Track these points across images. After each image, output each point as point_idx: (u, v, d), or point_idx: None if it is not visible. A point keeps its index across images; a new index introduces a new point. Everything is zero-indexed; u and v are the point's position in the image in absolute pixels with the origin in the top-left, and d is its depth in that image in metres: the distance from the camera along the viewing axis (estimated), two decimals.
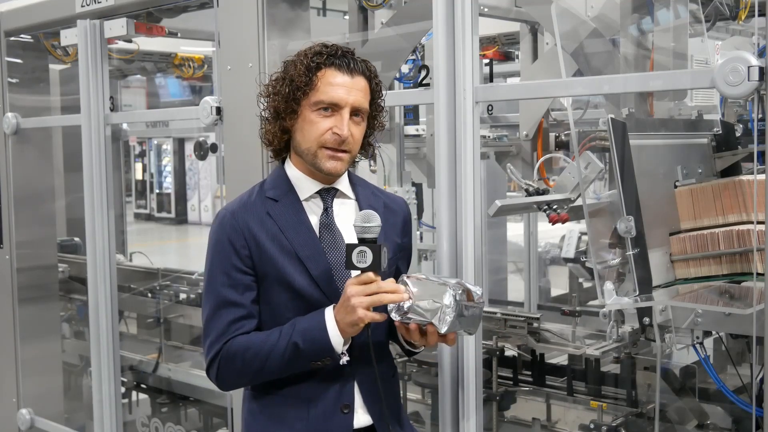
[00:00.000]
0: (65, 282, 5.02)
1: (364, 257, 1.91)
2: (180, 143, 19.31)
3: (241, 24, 2.98)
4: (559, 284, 6.23)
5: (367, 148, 2.19)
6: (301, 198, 2.12)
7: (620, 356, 3.00)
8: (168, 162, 19.78)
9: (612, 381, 3.10)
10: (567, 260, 5.40)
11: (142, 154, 20.13)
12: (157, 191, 19.95)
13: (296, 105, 2.05)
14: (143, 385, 4.59)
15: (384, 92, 2.18)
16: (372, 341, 2.02)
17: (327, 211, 2.11)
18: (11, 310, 4.27)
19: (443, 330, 1.92)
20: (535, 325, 3.15)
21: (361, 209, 2.14)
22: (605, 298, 2.44)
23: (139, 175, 20.12)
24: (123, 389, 4.21)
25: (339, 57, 2.05)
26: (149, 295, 5.03)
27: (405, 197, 4.26)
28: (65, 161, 5.14)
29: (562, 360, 3.31)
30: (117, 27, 3.57)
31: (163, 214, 19.77)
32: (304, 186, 2.12)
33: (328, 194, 2.13)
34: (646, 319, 2.47)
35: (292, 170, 2.14)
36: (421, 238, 5.19)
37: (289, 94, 2.05)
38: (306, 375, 2.06)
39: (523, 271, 5.91)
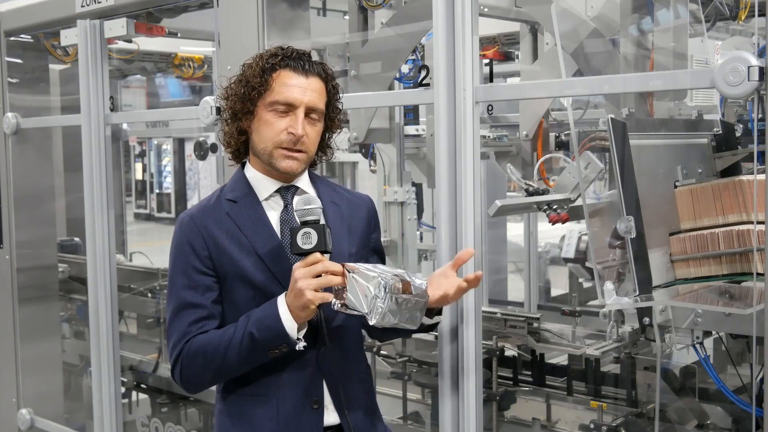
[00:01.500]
0: (65, 282, 5.02)
1: (308, 238, 1.93)
2: (180, 143, 19.29)
3: (241, 24, 2.98)
4: (559, 284, 6.24)
5: (326, 151, 2.21)
6: (261, 198, 2.14)
7: (620, 356, 3.00)
8: (168, 162, 19.78)
9: (612, 381, 3.10)
10: (567, 260, 5.40)
11: (142, 154, 20.11)
12: (157, 191, 19.94)
13: (252, 106, 2.08)
14: (143, 385, 4.59)
15: (341, 94, 2.20)
16: (342, 334, 2.07)
17: (287, 208, 2.13)
18: (11, 310, 4.27)
19: (372, 321, 1.92)
20: (535, 325, 3.15)
21: (323, 206, 2.13)
22: (605, 298, 2.44)
23: (139, 175, 20.11)
24: (123, 389, 4.21)
25: (294, 59, 2.08)
26: (149, 295, 5.03)
27: (405, 197, 4.26)
28: (65, 161, 5.14)
29: (562, 360, 3.31)
30: (117, 27, 3.57)
31: (163, 214, 19.75)
32: (263, 186, 2.14)
33: (287, 192, 2.15)
34: (646, 319, 2.47)
35: (251, 172, 2.17)
36: (421, 238, 5.19)
37: (244, 95, 2.08)
38: (273, 372, 2.07)
39: (523, 271, 5.92)
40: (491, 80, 4.75)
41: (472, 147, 2.40)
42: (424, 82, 3.39)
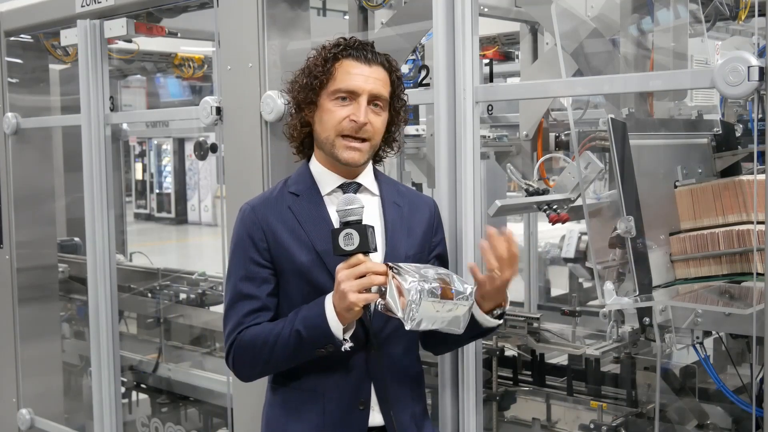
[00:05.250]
0: (65, 282, 5.01)
1: (350, 239, 1.90)
2: (180, 143, 19.30)
3: (241, 24, 2.98)
4: (559, 284, 6.22)
5: (392, 144, 2.20)
6: (323, 192, 2.14)
7: (620, 356, 2.99)
8: (168, 162, 19.78)
9: (612, 381, 3.09)
10: (567, 260, 5.39)
11: (142, 154, 20.12)
12: (157, 191, 19.94)
13: (314, 95, 2.09)
14: (143, 385, 4.59)
15: (405, 86, 2.19)
16: (393, 338, 2.07)
17: None
18: (11, 310, 4.27)
19: (407, 326, 1.89)
20: (535, 325, 3.14)
21: (384, 206, 2.16)
22: (605, 298, 2.44)
23: (139, 175, 20.12)
24: (123, 389, 4.21)
25: (356, 48, 2.09)
26: (149, 295, 5.03)
27: None
28: (65, 161, 5.14)
29: (562, 360, 3.30)
30: (117, 27, 3.57)
31: (163, 214, 19.77)
32: (326, 180, 2.14)
33: (349, 188, 2.14)
34: (646, 319, 2.47)
35: (315, 166, 2.17)
36: None
37: (307, 85, 2.09)
38: (322, 370, 2.08)
39: (523, 271, 5.90)
40: (491, 80, 4.75)
41: (472, 147, 2.40)
42: (424, 82, 3.38)
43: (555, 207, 3.02)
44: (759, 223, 2.40)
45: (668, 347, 2.54)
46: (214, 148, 4.78)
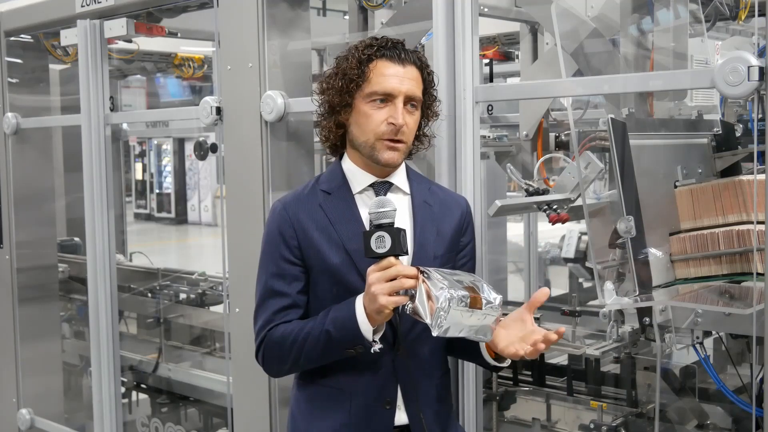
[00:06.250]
0: (65, 282, 5.02)
1: (382, 242, 1.90)
2: (180, 143, 19.31)
3: (241, 24, 2.98)
4: (559, 284, 6.23)
5: (423, 140, 2.20)
6: (354, 191, 2.14)
7: (620, 356, 2.99)
8: (168, 162, 19.78)
9: (612, 381, 3.09)
10: (567, 260, 5.39)
11: (142, 154, 20.12)
12: (157, 191, 19.95)
13: (350, 98, 2.08)
14: (143, 385, 4.59)
15: (436, 82, 2.19)
16: (421, 339, 2.08)
17: None
18: (11, 310, 4.27)
19: (435, 332, 1.88)
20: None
21: (414, 205, 2.15)
22: (605, 298, 2.44)
23: (139, 175, 20.12)
24: (123, 389, 4.21)
25: (389, 48, 2.08)
26: (149, 295, 5.03)
27: None
28: (65, 161, 5.14)
29: (562, 360, 3.30)
30: (117, 27, 3.57)
31: (163, 214, 19.77)
32: (358, 179, 2.14)
33: (381, 187, 2.14)
34: (646, 319, 2.47)
35: (347, 164, 2.17)
36: None
37: (342, 88, 2.08)
38: (349, 368, 2.08)
39: (523, 271, 5.91)
40: (491, 80, 4.75)
41: (472, 147, 2.40)
42: None
43: (555, 207, 3.02)
44: (759, 223, 2.40)
45: (668, 347, 2.54)
46: (214, 148, 4.78)
